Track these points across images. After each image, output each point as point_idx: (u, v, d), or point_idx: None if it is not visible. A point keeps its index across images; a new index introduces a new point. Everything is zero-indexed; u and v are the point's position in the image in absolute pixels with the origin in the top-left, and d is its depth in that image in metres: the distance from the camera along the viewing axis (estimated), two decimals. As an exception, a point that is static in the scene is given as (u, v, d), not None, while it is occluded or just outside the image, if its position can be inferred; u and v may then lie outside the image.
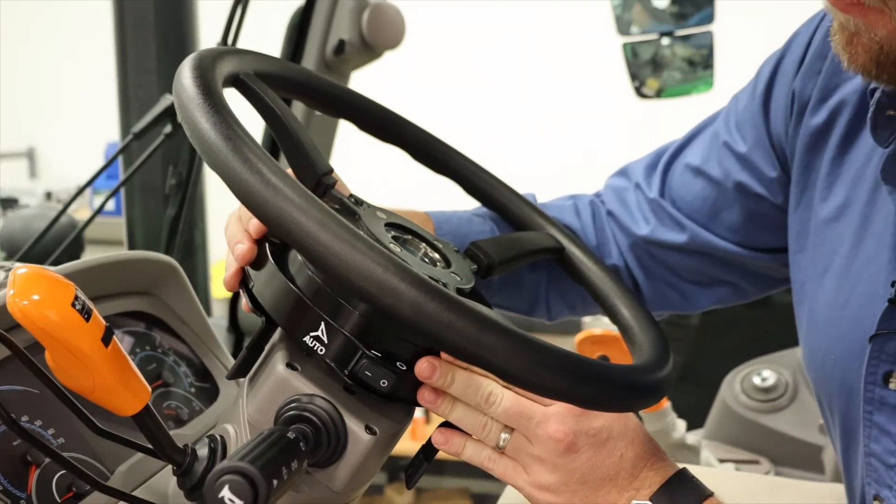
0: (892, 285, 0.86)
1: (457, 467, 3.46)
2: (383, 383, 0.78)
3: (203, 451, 0.79)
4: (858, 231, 0.94)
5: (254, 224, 0.83)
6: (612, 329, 1.40)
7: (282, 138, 0.85)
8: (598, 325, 2.00)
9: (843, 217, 0.96)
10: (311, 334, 0.77)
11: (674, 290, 1.19)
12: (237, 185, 0.67)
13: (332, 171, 0.88)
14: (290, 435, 0.71)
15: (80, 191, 1.72)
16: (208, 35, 2.04)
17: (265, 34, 1.82)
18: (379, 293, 0.64)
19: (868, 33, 0.76)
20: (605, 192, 1.25)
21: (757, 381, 1.93)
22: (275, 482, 0.64)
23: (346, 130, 1.15)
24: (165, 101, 1.64)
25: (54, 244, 1.85)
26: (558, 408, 0.80)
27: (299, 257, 0.80)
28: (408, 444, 0.91)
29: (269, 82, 0.90)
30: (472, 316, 0.65)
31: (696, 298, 1.19)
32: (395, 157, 1.16)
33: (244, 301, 0.87)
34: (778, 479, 1.25)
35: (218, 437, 0.81)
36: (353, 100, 1.03)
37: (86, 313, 0.69)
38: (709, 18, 1.97)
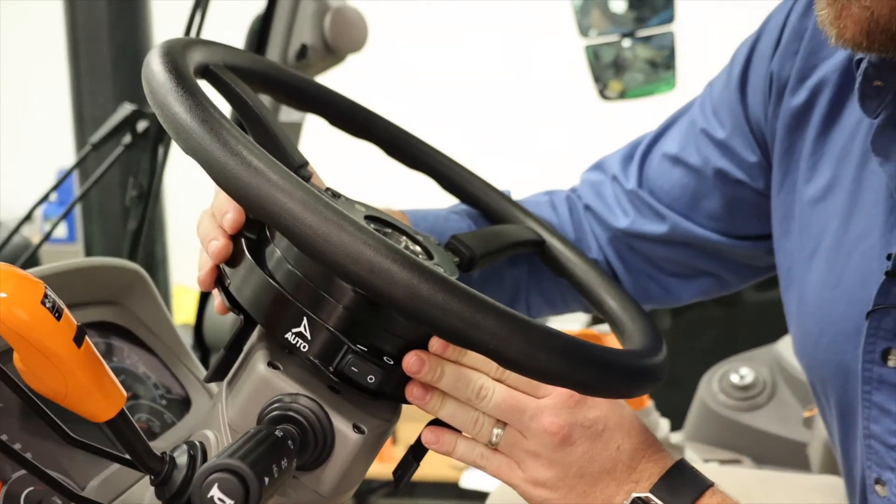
0: (889, 258, 0.84)
1: (429, 490, 3.41)
2: (370, 379, 0.74)
3: (182, 459, 0.75)
4: (847, 209, 0.92)
5: (228, 219, 0.80)
6: (592, 330, 1.37)
7: (255, 130, 0.82)
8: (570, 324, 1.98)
9: (829, 196, 0.95)
10: (293, 331, 0.74)
11: (655, 283, 1.17)
12: (216, 169, 0.64)
13: (307, 163, 0.85)
14: (278, 433, 0.67)
15: (34, 207, 1.67)
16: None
17: (225, 39, 1.78)
18: (370, 276, 0.60)
19: (858, 2, 0.74)
20: (581, 186, 1.22)
21: (735, 379, 1.91)
22: (266, 480, 0.61)
23: (319, 128, 1.12)
24: (124, 110, 1.59)
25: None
26: (552, 400, 0.77)
27: (278, 251, 0.76)
28: (375, 468, 0.87)
29: (238, 75, 0.87)
30: (468, 297, 0.62)
31: (678, 291, 1.17)
32: (371, 155, 1.13)
33: (217, 302, 0.84)
34: (769, 472, 1.23)
35: (197, 444, 0.77)
36: (324, 94, 1.00)
37: (56, 312, 0.65)
38: (669, 19, 1.96)
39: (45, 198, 1.68)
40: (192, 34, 1.60)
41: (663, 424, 1.37)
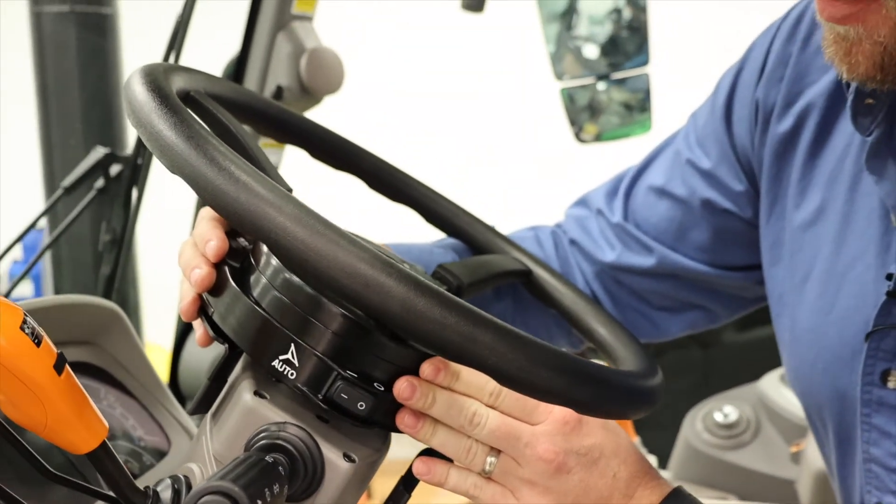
0: (889, 278, 0.83)
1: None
2: (360, 406, 0.72)
3: (166, 494, 0.72)
4: (839, 232, 0.91)
5: (211, 247, 0.78)
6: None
7: None
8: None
9: (820, 221, 0.94)
10: (280, 358, 0.72)
11: (643, 317, 1.15)
12: (203, 186, 0.62)
13: (292, 191, 0.83)
14: (269, 459, 0.65)
15: (3, 254, 1.63)
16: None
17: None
18: (365, 290, 0.59)
19: (870, 38, 0.74)
20: (565, 221, 1.21)
21: (719, 417, 1.90)
22: (259, 503, 0.58)
23: (301, 160, 1.10)
24: (97, 153, 1.57)
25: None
26: (547, 426, 0.75)
27: (263, 278, 0.74)
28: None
29: (220, 103, 0.85)
30: (465, 312, 0.60)
31: (667, 325, 1.15)
32: (354, 188, 1.11)
33: (199, 333, 0.81)
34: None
35: (182, 478, 0.74)
36: (306, 126, 0.99)
37: (36, 339, 0.63)
38: (643, 62, 1.97)
39: (11, 246, 1.64)
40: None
41: (651, 461, 1.35)
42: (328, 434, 0.73)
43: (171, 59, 1.64)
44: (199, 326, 0.82)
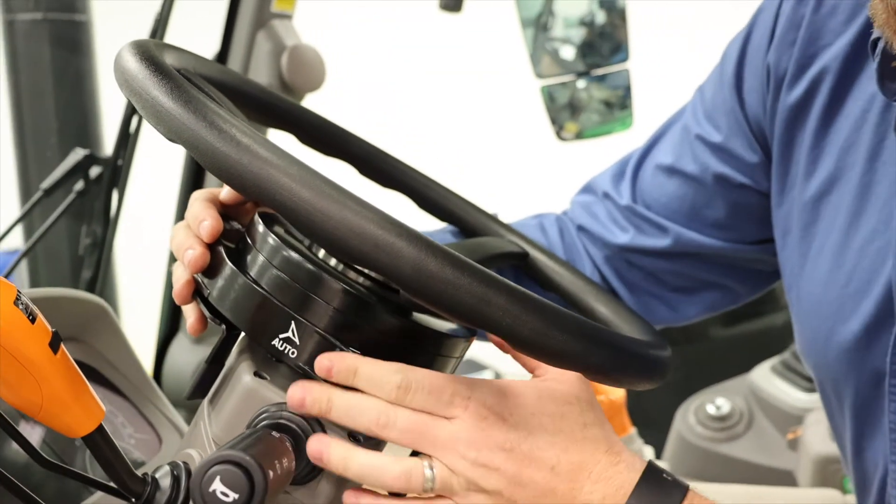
0: None
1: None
2: None
3: (166, 481, 0.70)
4: (856, 203, 0.87)
5: (205, 227, 0.75)
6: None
7: None
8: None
9: (834, 190, 0.90)
10: (281, 336, 0.69)
11: (659, 300, 1.10)
12: (204, 150, 0.60)
13: None
14: (275, 433, 0.63)
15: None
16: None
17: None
18: (375, 251, 0.57)
19: None
20: (571, 209, 1.16)
21: (711, 410, 1.89)
22: (271, 474, 0.56)
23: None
24: (76, 154, 1.55)
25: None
26: (465, 421, 0.67)
27: (261, 256, 0.72)
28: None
29: (209, 84, 0.83)
30: (478, 274, 0.59)
31: (684, 308, 1.10)
32: (344, 173, 1.09)
33: (192, 321, 0.79)
34: (763, 488, 1.20)
35: (181, 464, 0.71)
36: (295, 111, 0.97)
37: (30, 315, 0.61)
38: (623, 58, 1.96)
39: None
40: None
41: (647, 452, 1.34)
42: None
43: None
44: (190, 314, 0.80)
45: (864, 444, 0.90)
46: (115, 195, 1.59)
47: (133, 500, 0.69)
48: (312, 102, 1.70)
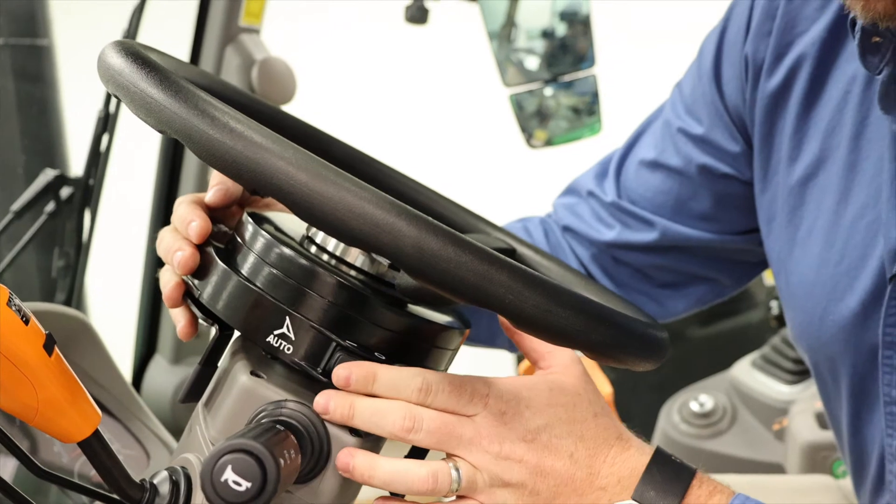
0: None
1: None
2: None
3: (164, 487, 0.68)
4: (843, 182, 0.88)
5: (194, 227, 0.74)
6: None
7: None
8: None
9: (820, 173, 0.91)
10: (276, 333, 0.69)
11: (646, 297, 1.10)
12: (197, 139, 0.59)
13: None
14: (279, 426, 0.62)
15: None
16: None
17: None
18: (376, 231, 0.56)
19: None
20: (554, 211, 1.16)
21: (695, 407, 1.89)
22: (282, 463, 0.55)
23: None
24: (46, 176, 1.53)
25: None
26: (486, 417, 0.69)
27: (252, 255, 0.71)
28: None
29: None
30: (479, 252, 0.58)
31: (672, 303, 1.11)
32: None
33: (181, 326, 0.78)
34: (755, 477, 1.20)
35: (179, 469, 0.70)
36: (274, 115, 0.96)
37: (24, 317, 0.59)
38: (589, 64, 1.97)
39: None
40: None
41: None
42: None
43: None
44: (180, 318, 0.78)
45: (861, 423, 0.91)
46: (87, 215, 1.57)
47: (131, 506, 0.68)
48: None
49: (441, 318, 0.75)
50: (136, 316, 1.78)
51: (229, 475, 0.53)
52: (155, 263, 1.72)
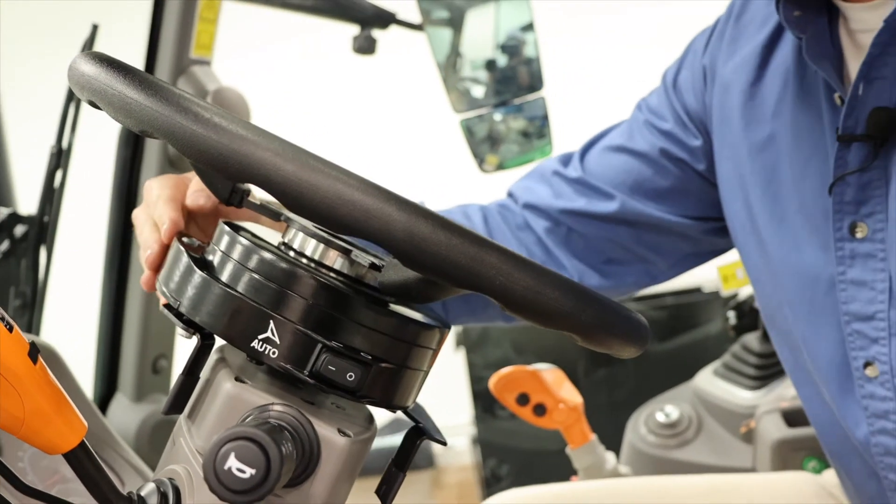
0: (836, 132, 0.93)
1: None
2: (350, 377, 0.68)
3: (153, 500, 0.67)
4: (791, 150, 1.00)
5: (166, 230, 0.77)
6: (526, 367, 1.34)
7: None
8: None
9: (772, 146, 1.02)
10: (260, 337, 0.68)
11: (592, 269, 1.19)
12: (181, 135, 0.59)
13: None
14: (273, 422, 0.61)
15: None
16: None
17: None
18: (366, 217, 0.57)
19: None
20: (515, 193, 1.24)
21: (661, 417, 1.90)
22: (284, 451, 0.54)
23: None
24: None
25: None
26: None
27: (231, 261, 0.71)
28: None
29: None
30: (468, 235, 0.59)
31: (613, 279, 1.20)
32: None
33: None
34: (733, 476, 1.21)
35: (167, 481, 0.69)
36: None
37: (7, 325, 0.58)
38: (538, 86, 1.99)
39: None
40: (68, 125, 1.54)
41: (610, 458, 1.34)
42: (317, 413, 0.69)
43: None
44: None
45: (819, 353, 1.00)
46: (42, 253, 1.54)
47: (119, 520, 0.67)
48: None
49: (422, 317, 0.76)
50: (95, 354, 1.75)
51: (233, 462, 0.52)
52: (113, 300, 1.70)
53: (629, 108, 1.25)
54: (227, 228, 0.73)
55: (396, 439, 0.80)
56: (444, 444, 0.76)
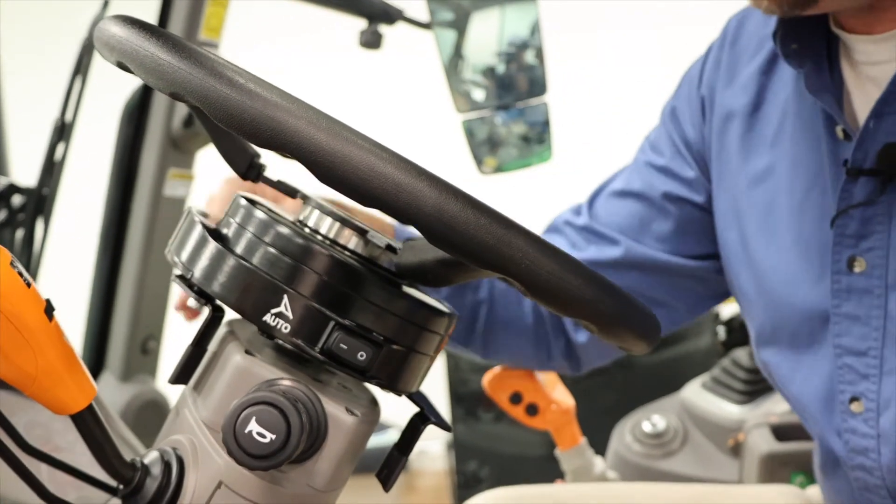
0: (845, 164, 0.92)
1: None
2: (361, 356, 0.68)
3: (156, 468, 0.67)
4: (790, 182, 1.00)
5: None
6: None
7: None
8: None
9: (770, 178, 1.02)
10: (273, 311, 0.68)
11: None
12: (214, 99, 0.59)
13: (260, 155, 0.81)
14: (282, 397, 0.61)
15: None
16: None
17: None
18: (396, 191, 0.56)
19: None
20: None
21: (647, 427, 1.91)
22: (303, 418, 0.54)
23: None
24: (-2, 184, 1.50)
25: None
26: None
27: (248, 233, 0.71)
28: None
29: None
30: (496, 215, 0.59)
31: None
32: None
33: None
34: (719, 486, 1.21)
35: (170, 450, 0.69)
36: None
37: (26, 280, 0.58)
38: (541, 91, 1.99)
39: None
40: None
41: (598, 462, 1.34)
42: (325, 391, 0.69)
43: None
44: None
45: (807, 386, 1.00)
46: (39, 226, 1.54)
47: (120, 486, 0.66)
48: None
49: (433, 302, 0.75)
50: (83, 331, 1.74)
51: (254, 426, 0.52)
52: (106, 278, 1.69)
53: (629, 118, 1.27)
54: (243, 201, 0.73)
55: (381, 438, 0.80)
56: (449, 429, 0.76)
